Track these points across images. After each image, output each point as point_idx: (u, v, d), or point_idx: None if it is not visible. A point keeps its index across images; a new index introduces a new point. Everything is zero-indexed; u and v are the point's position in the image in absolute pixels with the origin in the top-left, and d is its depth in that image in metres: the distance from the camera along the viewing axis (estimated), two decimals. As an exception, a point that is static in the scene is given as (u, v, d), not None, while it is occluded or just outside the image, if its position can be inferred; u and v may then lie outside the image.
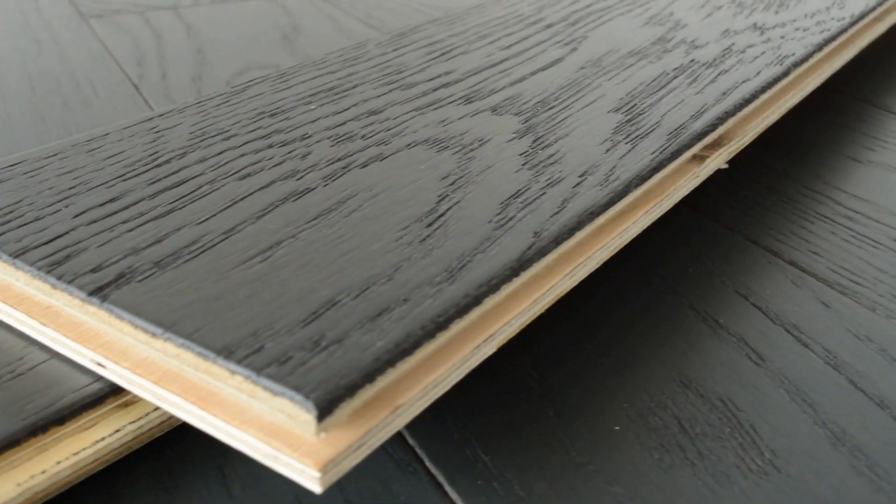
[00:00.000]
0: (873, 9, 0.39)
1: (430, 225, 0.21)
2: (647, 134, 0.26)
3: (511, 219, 0.22)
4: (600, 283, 0.27)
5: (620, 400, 0.23)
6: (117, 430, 0.20)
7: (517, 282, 0.20)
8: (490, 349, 0.20)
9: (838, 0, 0.39)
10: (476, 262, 0.20)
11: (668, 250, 0.29)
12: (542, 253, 0.21)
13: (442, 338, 0.19)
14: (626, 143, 0.25)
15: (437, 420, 0.22)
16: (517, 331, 0.21)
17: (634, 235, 0.25)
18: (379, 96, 0.29)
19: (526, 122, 0.27)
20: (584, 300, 0.26)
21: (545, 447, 0.21)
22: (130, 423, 0.20)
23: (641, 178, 0.24)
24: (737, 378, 0.23)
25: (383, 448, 0.21)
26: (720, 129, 0.28)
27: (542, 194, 0.23)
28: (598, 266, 0.23)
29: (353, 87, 0.30)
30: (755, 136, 0.31)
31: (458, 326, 0.19)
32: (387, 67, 0.31)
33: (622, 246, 0.24)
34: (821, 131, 0.38)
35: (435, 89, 0.29)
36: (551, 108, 0.28)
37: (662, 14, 0.37)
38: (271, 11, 0.53)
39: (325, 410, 0.16)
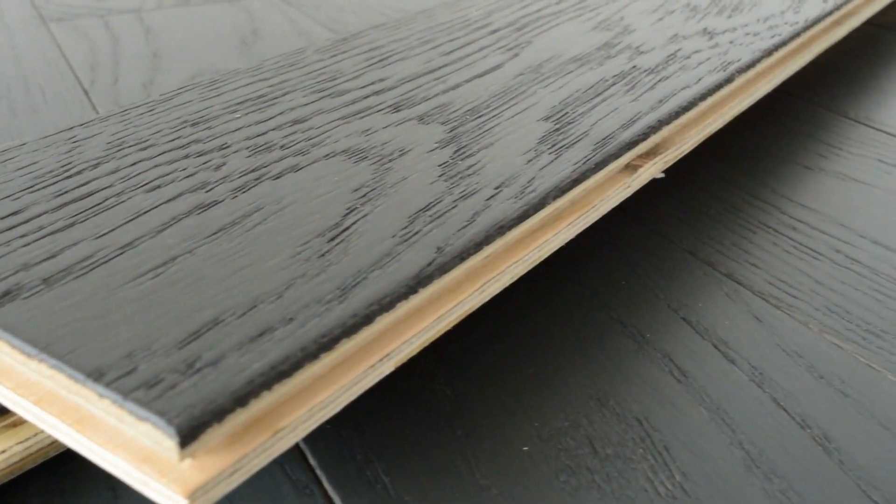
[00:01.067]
0: (830, 13, 0.38)
1: (332, 240, 0.21)
2: (573, 144, 0.25)
3: (416, 233, 0.21)
4: (529, 295, 0.27)
5: (534, 418, 0.22)
6: (3, 451, 0.20)
7: (417, 298, 0.20)
8: (387, 368, 0.20)
9: (794, 4, 0.39)
10: (371, 280, 0.19)
11: (604, 262, 0.29)
12: (444, 269, 0.20)
13: (328, 358, 0.18)
14: (550, 153, 0.25)
15: (341, 438, 0.21)
16: (420, 348, 0.21)
17: (555, 248, 0.24)
18: (307, 104, 0.28)
19: (452, 131, 0.26)
20: (509, 313, 0.26)
21: (450, 468, 0.21)
22: (18, 443, 0.20)
23: (561, 190, 0.23)
24: (656, 396, 0.23)
25: (281, 468, 0.21)
26: (654, 138, 0.27)
27: (452, 207, 0.22)
28: (513, 280, 0.23)
29: (283, 95, 0.29)
30: (697, 144, 0.30)
31: (346, 346, 0.18)
32: (321, 74, 0.31)
33: (542, 259, 0.24)
34: (776, 138, 0.37)
35: (366, 97, 0.29)
36: (480, 116, 0.27)
37: (612, 19, 0.37)
38: (233, 15, 0.52)
39: (188, 436, 0.15)
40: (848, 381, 0.23)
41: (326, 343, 0.18)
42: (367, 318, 0.19)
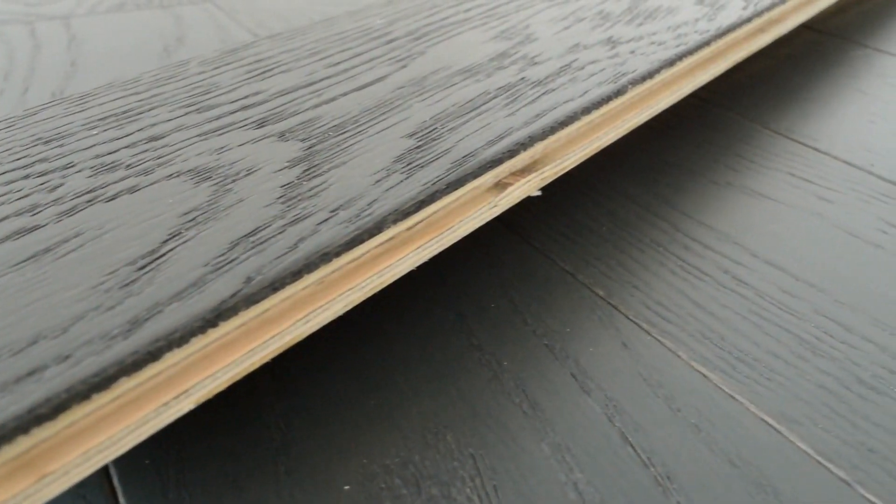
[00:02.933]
0: (749, 20, 0.37)
1: (142, 268, 0.20)
2: (430, 162, 0.24)
3: (232, 261, 0.20)
4: (387, 317, 0.25)
5: (363, 454, 0.21)
6: None
7: (220, 331, 0.19)
8: (185, 406, 0.19)
9: (710, 12, 0.37)
10: (167, 313, 0.18)
11: (477, 283, 0.27)
12: (252, 300, 0.19)
13: (106, 398, 0.17)
14: (402, 172, 0.24)
15: (157, 473, 0.20)
16: (229, 383, 0.20)
17: (401, 273, 0.23)
18: (170, 120, 0.27)
19: (309, 148, 0.25)
20: (361, 337, 0.25)
21: (263, 509, 0.20)
22: None
23: (403, 213, 0.22)
24: (499, 430, 0.22)
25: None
26: (526, 155, 0.26)
27: (280, 232, 0.21)
28: (347, 308, 0.22)
29: (150, 110, 0.28)
30: (585, 159, 0.29)
31: (129, 385, 0.17)
32: (196, 88, 0.30)
33: (385, 285, 0.23)
34: (687, 150, 0.36)
35: (233, 112, 0.28)
36: (344, 132, 0.26)
37: (517, 28, 0.35)
38: (163, 21, 0.51)
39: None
40: (705, 414, 0.22)
41: (100, 383, 0.17)
42: (151, 355, 0.18)
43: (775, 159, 0.35)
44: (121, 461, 0.21)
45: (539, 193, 0.28)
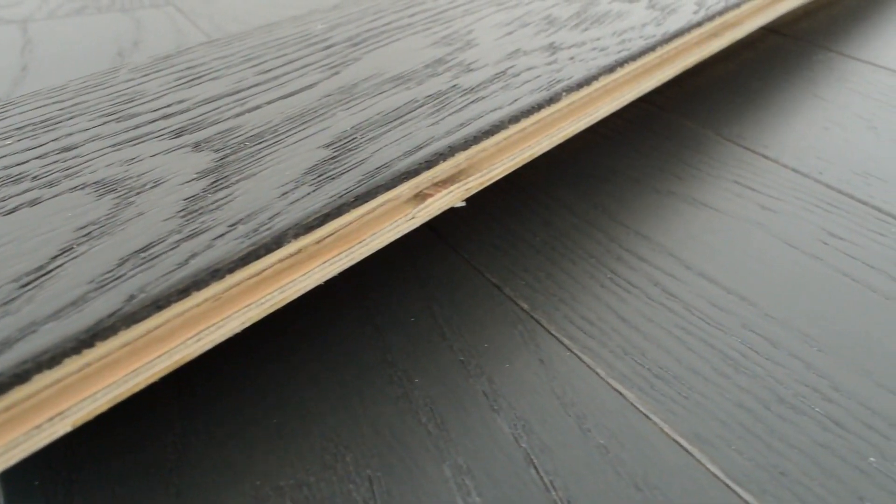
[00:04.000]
0: (700, 24, 0.36)
1: (25, 286, 0.19)
2: (342, 174, 0.24)
3: (118, 278, 0.19)
4: (300, 330, 0.25)
5: (258, 476, 0.20)
6: None
7: (98, 351, 0.18)
8: (61, 428, 0.18)
9: (659, 16, 0.37)
10: (42, 332, 0.18)
11: (400, 294, 0.27)
12: (133, 319, 0.19)
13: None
14: (311, 184, 0.23)
15: (44, 496, 0.20)
16: (111, 404, 0.19)
17: (306, 289, 0.22)
18: (87, 130, 0.27)
19: (221, 160, 0.25)
20: (272, 350, 0.24)
21: (148, 534, 0.19)
22: None
23: (306, 227, 0.22)
24: (402, 451, 0.21)
25: (-35, 534, 0.19)
26: (445, 165, 0.26)
27: (173, 248, 0.20)
28: (245, 326, 0.21)
29: (70, 119, 0.28)
30: (514, 168, 0.29)
31: (-7, 408, 0.17)
32: (121, 96, 0.29)
33: (288, 300, 0.22)
34: (632, 158, 0.35)
35: (153, 121, 0.27)
36: (261, 142, 0.26)
37: (459, 33, 0.35)
38: (122, 25, 0.51)
39: None
40: (615, 435, 0.22)
41: (-46, 407, 0.16)
42: (19, 377, 0.17)
43: (722, 167, 0.35)
44: (9, 482, 0.20)
45: (463, 204, 0.27)
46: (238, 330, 0.21)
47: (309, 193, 0.23)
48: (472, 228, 0.30)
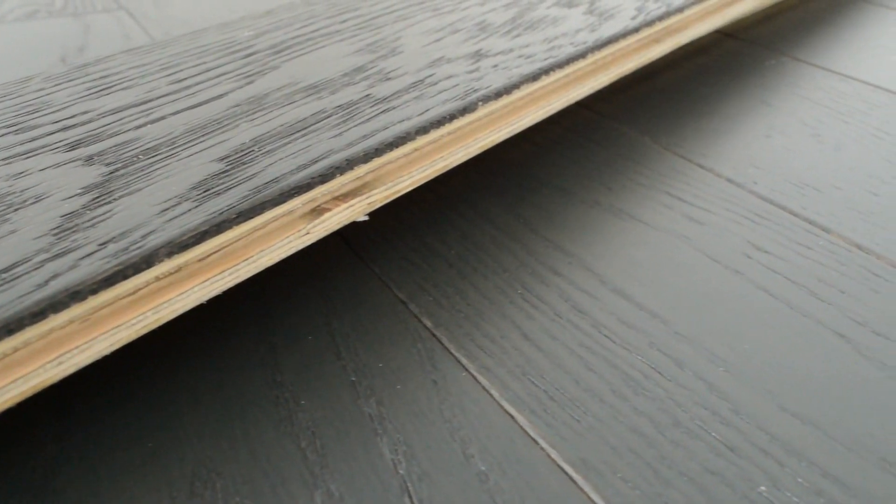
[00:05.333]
0: (636, 30, 0.36)
1: None
2: (228, 189, 0.23)
3: (-29, 300, 0.19)
4: (193, 350, 0.24)
5: (123, 502, 0.20)
6: None
7: (-59, 379, 0.18)
8: None
9: (595, 21, 0.36)
10: None
11: (300, 311, 0.26)
12: (-21, 344, 0.18)
13: None
14: (195, 200, 0.22)
15: None
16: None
17: (186, 308, 0.22)
18: (-18, 142, 0.26)
19: (110, 174, 0.24)
20: (162, 372, 0.23)
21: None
22: None
23: (180, 245, 0.21)
24: (274, 478, 0.20)
25: None
26: (343, 179, 0.25)
27: (37, 268, 0.20)
28: (114, 347, 0.20)
29: (-32, 131, 0.27)
30: (426, 181, 0.28)
31: None
32: (27, 106, 0.29)
33: (163, 321, 0.21)
34: (563, 167, 0.34)
35: (51, 133, 0.27)
36: (155, 156, 0.25)
37: (386, 40, 0.34)
38: (70, 30, 0.50)
39: None
40: (499, 461, 0.21)
41: None
42: None
43: (655, 177, 0.34)
44: None
45: (366, 218, 0.26)
46: (107, 352, 0.21)
47: (190, 210, 0.22)
48: (387, 241, 0.30)
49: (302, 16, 0.37)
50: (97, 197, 0.23)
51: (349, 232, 0.30)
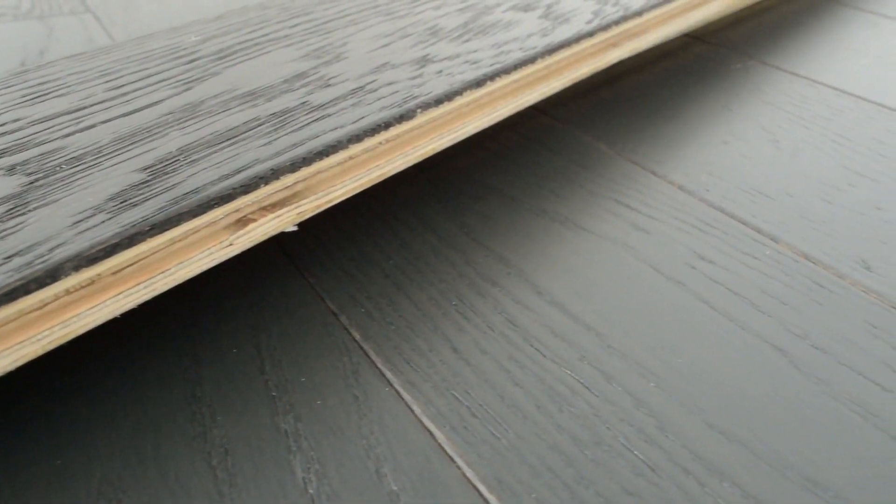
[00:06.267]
0: (591, 34, 0.35)
1: None
2: (146, 201, 0.22)
3: None
4: (115, 364, 0.23)
5: (24, 524, 0.19)
6: None
7: None
8: None
9: (549, 26, 0.35)
10: None
11: (229, 322, 0.25)
12: None
13: None
14: (110, 212, 0.22)
15: None
16: None
17: (96, 324, 0.21)
18: None
19: (30, 184, 0.24)
20: (80, 387, 0.23)
21: None
22: None
23: (88, 259, 0.21)
24: (181, 498, 0.20)
25: None
26: (269, 188, 0.24)
27: (-64, 282, 0.19)
28: (17, 364, 0.20)
29: None
30: (361, 189, 0.27)
31: None
32: (-41, 113, 0.28)
33: (72, 336, 0.21)
34: (516, 173, 0.34)
35: (-23, 141, 0.26)
36: (78, 165, 0.24)
37: (333, 45, 0.34)
38: (34, 33, 0.50)
39: None
40: (412, 480, 0.20)
41: None
42: None
43: (606, 184, 0.33)
44: None
45: (295, 229, 0.26)
46: (10, 368, 0.20)
47: (103, 222, 0.22)
48: (326, 250, 0.29)
49: (253, 20, 0.37)
50: (12, 208, 0.22)
51: (287, 241, 0.30)
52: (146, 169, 0.24)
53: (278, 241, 0.29)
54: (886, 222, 0.31)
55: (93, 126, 0.27)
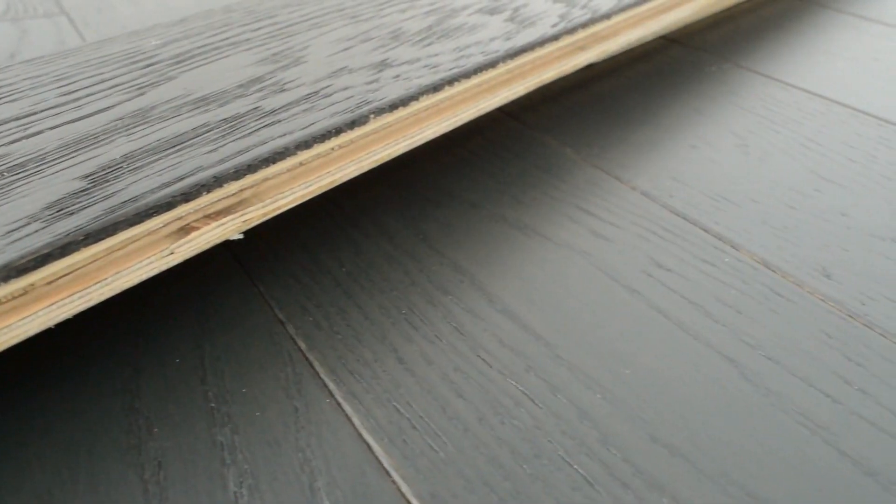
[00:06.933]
0: (556, 37, 0.35)
1: None
2: (82, 209, 0.22)
3: None
4: (49, 372, 0.23)
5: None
6: None
7: None
8: None
9: (514, 29, 0.35)
10: None
11: (175, 332, 0.25)
12: None
13: None
14: (45, 221, 0.22)
15: None
16: None
17: (29, 334, 0.21)
18: None
19: (-32, 191, 0.23)
20: (11, 403, 0.22)
21: None
22: None
23: (17, 269, 0.20)
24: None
25: None
26: (211, 196, 0.24)
27: None
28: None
29: None
30: (312, 196, 0.27)
31: None
32: None
33: (5, 347, 0.20)
34: (478, 179, 0.33)
35: (-78, 148, 0.26)
36: (21, 172, 0.24)
37: (293, 49, 0.33)
38: (6, 35, 0.49)
39: None
40: (346, 495, 0.20)
41: None
42: None
43: (569, 190, 0.33)
44: None
45: (241, 237, 0.25)
46: (-65, 381, 0.20)
47: (37, 231, 0.22)
48: (279, 257, 0.29)
49: (216, 24, 0.36)
50: (-54, 217, 0.22)
51: (241, 248, 0.29)
52: (87, 177, 0.24)
53: (231, 249, 0.29)
54: (849, 228, 0.30)
55: (40, 132, 0.27)
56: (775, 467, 0.21)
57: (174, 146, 0.26)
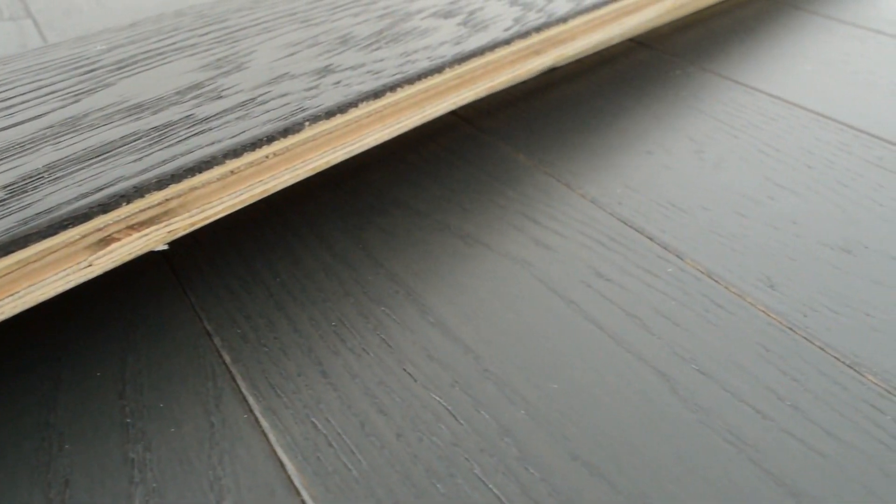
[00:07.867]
0: (508, 41, 0.34)
1: None
2: (-6, 220, 0.22)
3: None
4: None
5: None
6: None
7: None
8: None
9: (465, 33, 0.34)
10: None
11: (102, 344, 0.25)
12: None
13: None
14: (-47, 233, 0.21)
15: None
16: None
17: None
18: None
19: None
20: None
21: None
22: None
23: (-81, 283, 0.20)
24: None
25: None
26: (133, 207, 0.24)
27: None
28: None
29: None
30: (244, 205, 0.26)
31: None
32: None
33: None
34: (426, 186, 0.33)
35: None
36: (-61, 182, 0.24)
37: (238, 54, 0.33)
38: (-29, 40, 0.49)
39: None
40: (252, 514, 0.20)
41: None
42: None
43: (517, 197, 0.32)
44: None
45: (165, 247, 0.25)
46: None
47: (-57, 244, 0.21)
48: (214, 267, 0.28)
49: (166, 28, 0.36)
50: None
51: (177, 258, 0.29)
52: (6, 187, 0.24)
53: (167, 258, 0.29)
54: (798, 237, 0.30)
55: (-33, 141, 0.27)
56: (697, 487, 0.20)
57: (99, 155, 0.25)
